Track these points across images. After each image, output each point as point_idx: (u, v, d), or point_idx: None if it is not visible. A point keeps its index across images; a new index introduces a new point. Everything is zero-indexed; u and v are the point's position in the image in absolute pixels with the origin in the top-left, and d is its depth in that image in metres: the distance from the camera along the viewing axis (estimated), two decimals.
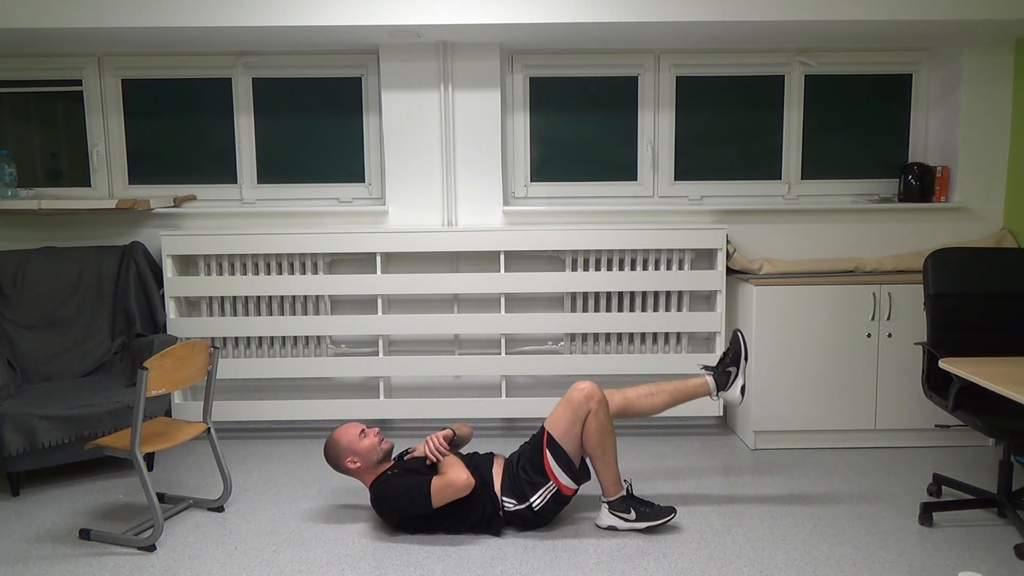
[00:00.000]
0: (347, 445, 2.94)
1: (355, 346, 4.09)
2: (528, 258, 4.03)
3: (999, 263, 3.13)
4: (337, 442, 2.97)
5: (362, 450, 2.93)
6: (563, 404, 2.85)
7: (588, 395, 2.82)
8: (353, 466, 2.93)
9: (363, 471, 2.94)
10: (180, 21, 3.44)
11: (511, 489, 2.85)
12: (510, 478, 2.87)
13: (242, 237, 3.81)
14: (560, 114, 4.10)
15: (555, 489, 2.82)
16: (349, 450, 2.93)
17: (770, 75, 4.08)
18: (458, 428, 3.08)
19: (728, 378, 2.99)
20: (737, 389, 2.98)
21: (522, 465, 2.87)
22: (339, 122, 4.09)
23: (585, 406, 2.81)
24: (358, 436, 2.95)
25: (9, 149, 4.06)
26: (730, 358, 3.01)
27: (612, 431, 2.86)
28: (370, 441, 2.95)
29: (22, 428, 3.16)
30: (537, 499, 2.82)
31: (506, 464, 2.94)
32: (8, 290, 3.76)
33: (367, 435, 2.97)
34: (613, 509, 2.88)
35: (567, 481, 2.82)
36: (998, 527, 2.89)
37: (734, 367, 2.99)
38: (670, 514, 2.87)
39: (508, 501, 2.84)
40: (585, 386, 2.84)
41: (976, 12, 3.43)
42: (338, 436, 2.98)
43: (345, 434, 2.97)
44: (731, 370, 2.99)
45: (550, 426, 2.85)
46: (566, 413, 2.83)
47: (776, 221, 4.03)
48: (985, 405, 2.88)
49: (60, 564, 2.68)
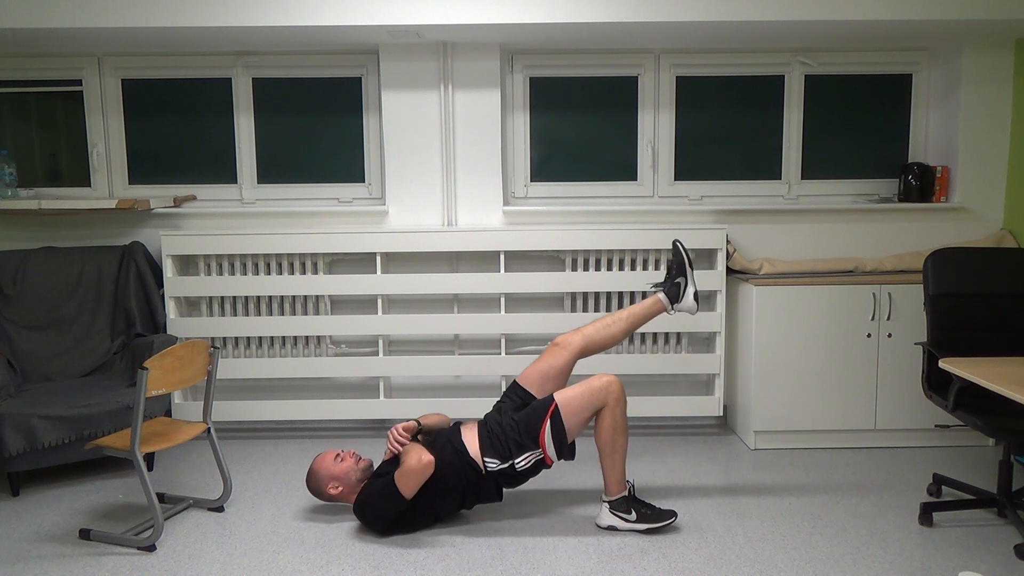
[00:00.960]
0: (325, 472, 2.96)
1: (355, 346, 4.09)
2: (528, 258, 4.03)
3: (999, 263, 3.13)
4: (316, 472, 2.98)
5: (340, 474, 2.94)
6: (581, 386, 2.84)
7: (607, 386, 2.81)
8: (336, 491, 2.95)
9: (346, 494, 2.96)
10: (180, 21, 3.44)
11: (492, 448, 2.83)
12: (489, 438, 2.86)
13: (242, 237, 3.81)
14: (560, 114, 4.10)
15: (540, 456, 2.82)
16: (328, 476, 2.95)
17: (770, 75, 4.08)
18: (428, 419, 3.07)
19: (679, 289, 2.99)
20: (690, 297, 2.98)
21: (510, 425, 2.85)
22: (339, 122, 4.09)
23: (602, 395, 2.80)
24: (334, 461, 2.97)
25: (9, 149, 4.05)
26: (675, 269, 3.01)
27: (626, 431, 2.85)
28: (347, 464, 2.96)
29: (22, 428, 3.16)
30: (522, 460, 2.81)
31: (481, 425, 2.93)
32: (8, 290, 3.76)
33: (343, 458, 2.98)
34: (614, 509, 2.88)
35: (552, 453, 2.82)
36: (998, 527, 2.89)
37: (681, 277, 2.99)
38: (671, 517, 2.86)
39: (490, 461, 2.83)
40: (608, 378, 2.83)
41: (976, 12, 3.43)
42: (315, 466, 3.00)
43: (321, 463, 2.99)
44: (679, 281, 2.99)
45: (561, 400, 2.83)
46: (582, 396, 2.81)
47: (776, 221, 4.03)
48: (985, 405, 2.88)
49: (60, 564, 2.68)
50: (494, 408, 3.03)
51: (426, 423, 3.05)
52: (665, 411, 3.88)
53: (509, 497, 3.20)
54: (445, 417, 3.14)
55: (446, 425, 3.12)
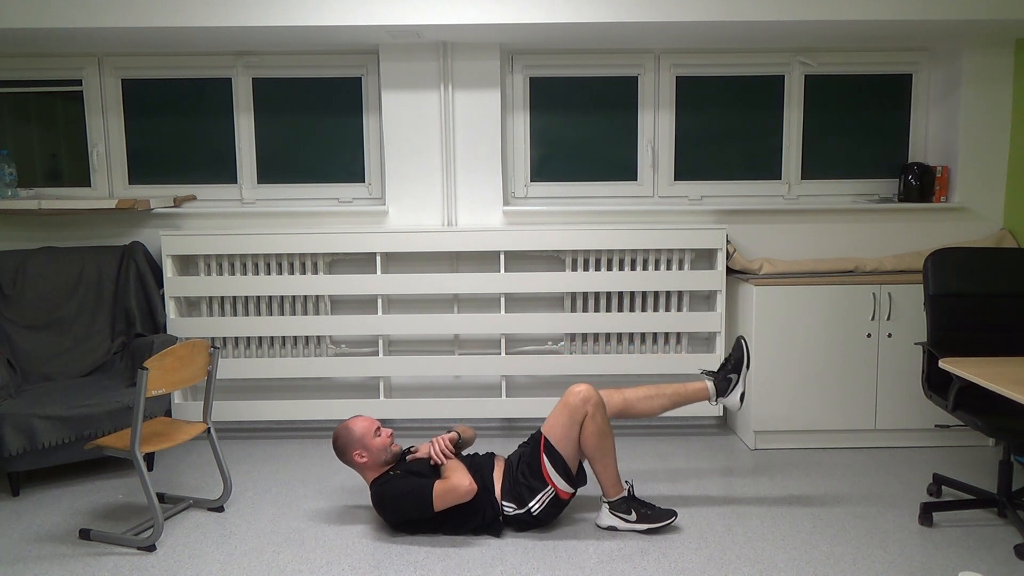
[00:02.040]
0: (359, 438, 2.91)
1: (355, 346, 4.09)
2: (528, 258, 4.03)
3: (999, 263, 3.13)
4: (351, 431, 2.93)
5: (374, 447, 2.91)
6: (559, 408, 2.84)
7: (584, 398, 2.81)
8: (360, 460, 2.91)
9: (368, 467, 2.93)
10: (180, 21, 3.44)
11: (511, 493, 2.85)
12: (510, 482, 2.86)
13: (242, 237, 3.81)
14: (560, 114, 4.10)
15: (553, 494, 2.82)
16: (361, 443, 2.91)
17: (770, 75, 4.08)
18: (462, 430, 3.07)
19: (728, 384, 3.00)
20: (737, 396, 2.99)
21: (520, 470, 2.87)
22: (339, 122, 4.09)
23: (582, 409, 2.80)
24: (372, 432, 2.93)
25: (9, 149, 4.05)
26: (732, 365, 3.02)
27: (610, 433, 2.85)
28: (382, 441, 2.93)
29: (22, 428, 3.16)
30: (536, 504, 2.82)
31: (506, 466, 2.94)
32: (8, 290, 3.76)
33: (381, 434, 2.95)
34: (614, 510, 2.88)
35: (564, 486, 2.82)
36: (998, 527, 2.89)
37: (735, 374, 3.00)
38: (671, 517, 2.86)
39: (508, 505, 2.84)
40: (581, 389, 2.83)
41: (976, 12, 3.43)
42: (353, 424, 2.94)
43: (359, 426, 2.94)
44: (732, 376, 3.00)
45: (547, 431, 2.85)
46: (562, 417, 2.82)
47: (776, 221, 4.03)
48: (985, 405, 2.88)
49: (60, 564, 2.68)
50: (518, 449, 3.02)
51: (465, 436, 3.07)
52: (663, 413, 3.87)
53: None
54: (474, 432, 3.16)
55: (473, 440, 3.13)
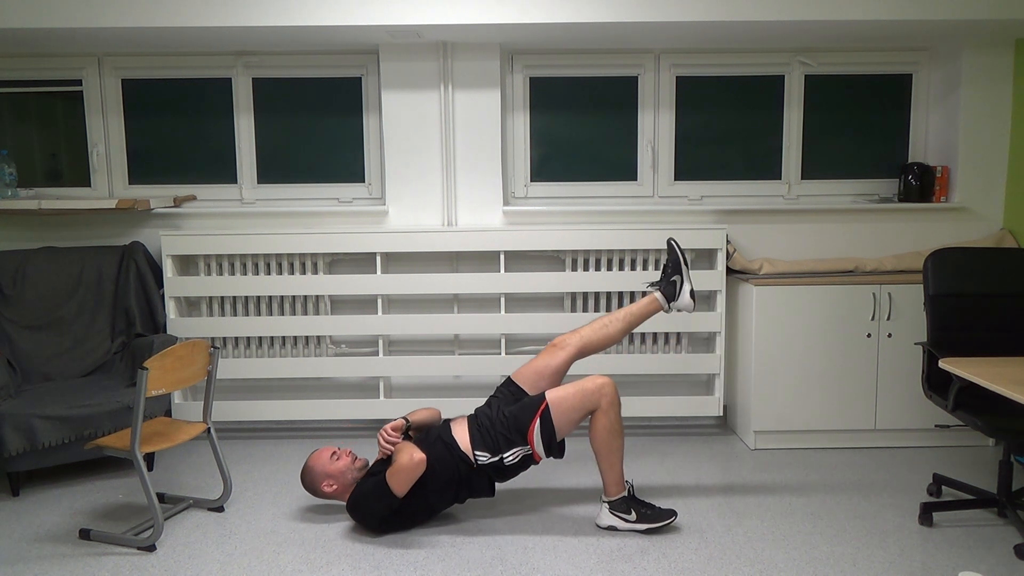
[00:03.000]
0: (321, 470, 2.96)
1: (355, 346, 4.09)
2: (528, 258, 4.03)
3: (999, 263, 3.13)
4: (311, 468, 2.98)
5: (335, 472, 2.94)
6: (574, 387, 2.84)
7: (600, 388, 2.81)
8: (330, 489, 2.95)
9: (340, 492, 2.96)
10: (180, 21, 3.44)
11: (483, 442, 2.84)
12: (480, 432, 2.87)
13: (242, 237, 3.81)
14: (560, 114, 4.10)
15: (529, 452, 2.83)
16: (324, 475, 2.95)
17: (770, 75, 4.08)
18: (417, 415, 3.07)
19: (675, 288, 3.00)
20: (686, 295, 2.99)
21: (501, 419, 2.86)
22: (339, 122, 4.09)
23: (595, 399, 2.80)
24: (330, 459, 2.97)
25: (9, 149, 4.05)
26: (671, 268, 3.02)
27: (621, 433, 2.85)
28: (343, 462, 2.96)
29: (22, 428, 3.16)
30: (510, 456, 2.82)
31: (471, 419, 2.94)
32: (8, 290, 3.76)
33: (339, 456, 2.98)
34: (614, 509, 2.88)
35: (541, 451, 2.83)
36: (998, 527, 2.89)
37: (677, 275, 3.00)
38: (670, 517, 2.86)
39: (481, 454, 2.83)
40: (602, 380, 2.83)
41: (976, 12, 3.43)
42: (311, 463, 3.00)
43: (317, 460, 2.99)
44: (675, 279, 3.00)
45: (552, 400, 2.83)
46: (573, 397, 2.81)
47: (776, 221, 4.03)
48: (985, 405, 2.88)
49: (60, 564, 2.68)
50: (485, 403, 3.04)
51: (415, 419, 3.05)
52: (665, 411, 3.88)
53: (508, 496, 3.20)
54: (436, 412, 3.15)
55: (436, 421, 3.12)
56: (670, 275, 3.02)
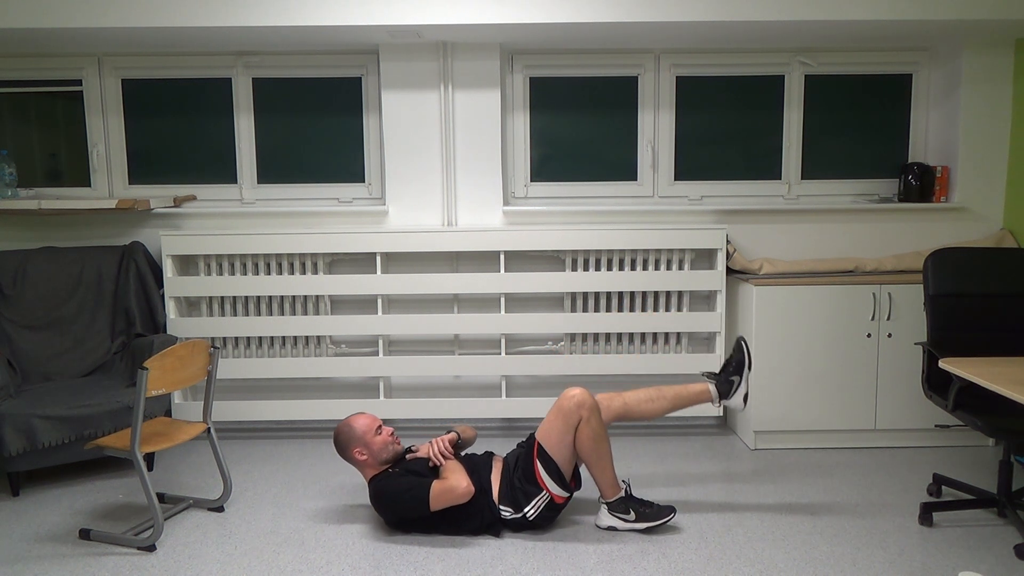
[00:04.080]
0: (360, 435, 2.91)
1: (355, 346, 4.09)
2: (528, 258, 4.03)
3: (999, 263, 3.13)
4: (352, 428, 2.92)
5: (374, 445, 2.90)
6: (554, 412, 2.83)
7: (579, 403, 2.79)
8: (360, 457, 2.91)
9: (367, 465, 2.93)
10: (180, 21, 3.44)
11: (508, 497, 2.84)
12: (507, 486, 2.86)
13: (242, 237, 3.81)
14: (560, 114, 4.10)
15: (548, 499, 2.81)
16: (361, 440, 2.91)
17: (770, 75, 4.08)
18: (462, 430, 3.07)
19: (731, 387, 2.99)
20: (740, 397, 2.99)
21: (516, 474, 2.86)
22: (339, 122, 4.09)
23: (576, 414, 2.79)
24: (374, 430, 2.93)
25: (9, 149, 4.05)
26: (733, 367, 3.01)
27: (605, 437, 2.84)
28: (383, 439, 2.92)
29: (22, 428, 3.16)
30: (531, 509, 2.81)
31: (503, 468, 2.93)
32: (8, 290, 3.76)
33: (382, 432, 2.94)
34: (613, 510, 2.88)
35: (558, 491, 2.81)
36: (998, 527, 2.89)
37: (737, 376, 2.99)
38: (669, 514, 2.86)
39: (505, 509, 2.83)
40: (576, 393, 2.81)
41: (976, 12, 3.43)
42: (354, 421, 2.94)
43: (361, 423, 2.93)
44: (734, 379, 2.99)
45: (541, 436, 2.84)
46: (557, 422, 2.81)
47: (776, 221, 4.03)
48: (985, 405, 2.88)
49: (60, 564, 2.68)
50: (515, 448, 3.01)
51: (465, 436, 3.06)
52: None
53: None
54: (474, 431, 3.15)
55: (473, 440, 3.13)
56: (731, 373, 3.00)
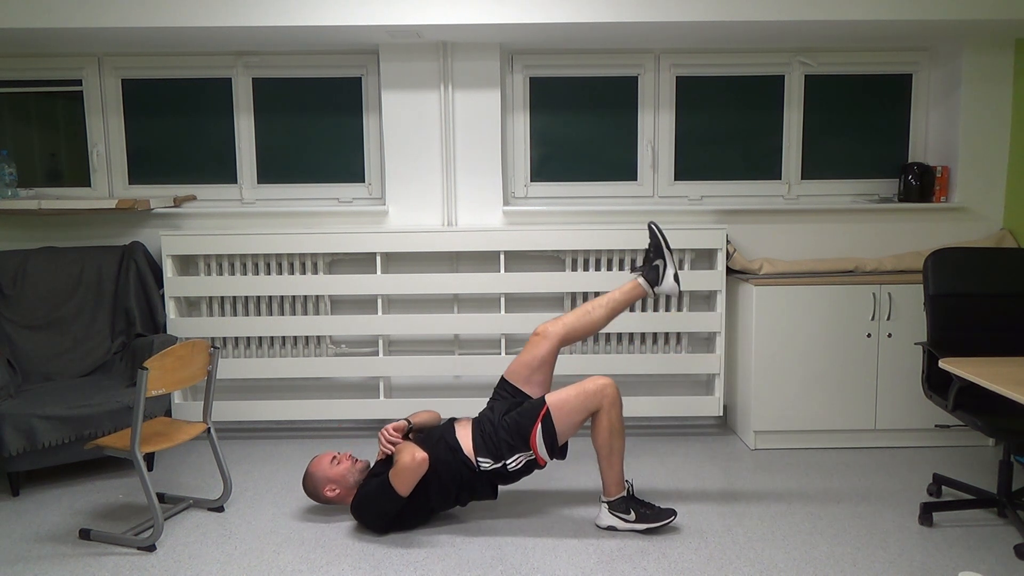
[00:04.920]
0: (322, 475, 2.96)
1: (355, 346, 4.09)
2: (528, 258, 4.03)
3: (999, 263, 3.13)
4: (312, 475, 2.99)
5: (337, 476, 2.95)
6: (575, 388, 2.82)
7: (602, 389, 2.79)
8: (332, 494, 2.96)
9: (343, 496, 2.97)
10: (180, 21, 3.44)
11: (485, 448, 2.84)
12: (482, 437, 2.86)
13: (242, 237, 3.81)
14: (560, 114, 4.10)
15: (532, 458, 2.83)
16: (325, 479, 2.96)
17: (770, 75, 4.08)
18: (419, 416, 3.07)
19: (658, 272, 2.97)
20: (670, 277, 2.97)
21: (503, 425, 2.85)
22: (339, 122, 4.09)
23: (596, 398, 2.79)
24: (330, 464, 2.98)
25: (9, 149, 4.05)
26: (652, 252, 3.00)
27: (622, 433, 2.85)
28: (343, 466, 2.97)
29: (22, 428, 3.16)
30: (512, 462, 2.82)
31: (475, 423, 2.93)
32: (8, 290, 3.76)
33: (339, 460, 2.99)
34: (613, 509, 2.88)
35: (544, 455, 2.83)
36: (998, 527, 2.89)
37: (659, 259, 2.98)
38: (670, 516, 2.86)
39: (483, 461, 2.83)
40: (604, 381, 2.81)
41: (976, 12, 3.43)
42: (312, 469, 3.00)
43: (318, 465, 3.00)
44: (658, 264, 2.98)
45: (553, 403, 2.82)
46: (575, 399, 2.80)
47: (776, 221, 4.03)
48: (985, 405, 2.88)
49: (60, 564, 2.68)
50: (487, 406, 3.03)
51: (416, 421, 3.05)
52: (665, 411, 3.88)
53: (508, 497, 3.20)
54: (436, 414, 3.14)
55: (437, 423, 3.12)
56: (652, 259, 3.00)
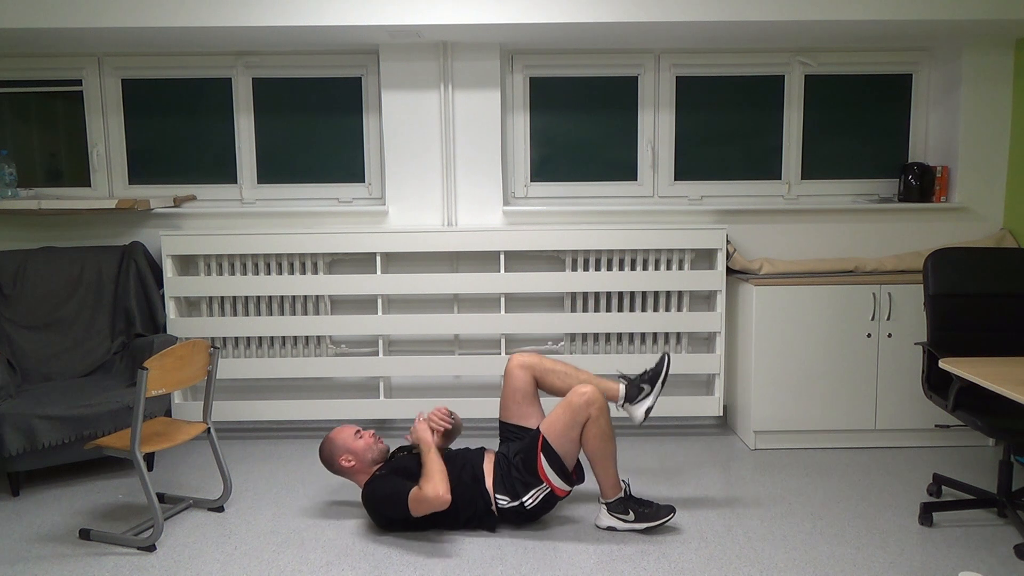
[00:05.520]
0: (342, 444, 2.97)
1: (355, 346, 4.09)
2: (528, 258, 4.03)
3: (999, 263, 3.13)
4: (333, 441, 3.00)
5: (357, 449, 2.95)
6: (562, 407, 2.82)
7: (588, 400, 2.79)
8: (347, 464, 2.95)
9: (357, 471, 2.96)
10: (180, 21, 3.44)
11: (503, 486, 2.84)
12: (501, 475, 2.86)
13: (242, 237, 3.81)
14: (560, 114, 4.10)
15: (548, 490, 2.82)
16: (344, 448, 2.96)
17: (770, 75, 4.08)
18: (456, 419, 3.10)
19: (639, 393, 2.95)
20: (643, 408, 2.93)
21: (515, 463, 2.86)
22: (339, 122, 4.09)
23: (584, 411, 2.78)
24: (353, 435, 2.99)
25: (9, 149, 4.05)
26: (649, 375, 2.98)
27: (612, 437, 2.85)
28: (365, 442, 2.98)
29: (22, 428, 3.16)
30: (529, 499, 2.81)
31: (496, 459, 2.93)
32: (8, 290, 3.76)
33: (362, 436, 3.00)
34: (612, 511, 2.88)
35: (560, 484, 2.82)
36: (998, 527, 2.89)
37: (648, 385, 2.95)
38: (669, 514, 2.86)
39: (501, 498, 2.83)
40: (586, 391, 2.80)
41: (976, 12, 3.43)
42: (333, 435, 3.02)
43: (340, 434, 3.01)
44: (644, 387, 2.96)
45: (546, 429, 2.83)
46: (564, 416, 2.80)
47: (776, 221, 4.03)
48: (985, 405, 2.88)
49: (60, 564, 2.68)
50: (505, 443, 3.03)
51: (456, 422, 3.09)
52: (665, 411, 3.88)
53: None
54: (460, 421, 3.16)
55: (461, 428, 3.15)
56: (644, 381, 2.97)
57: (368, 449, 2.96)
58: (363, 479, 2.96)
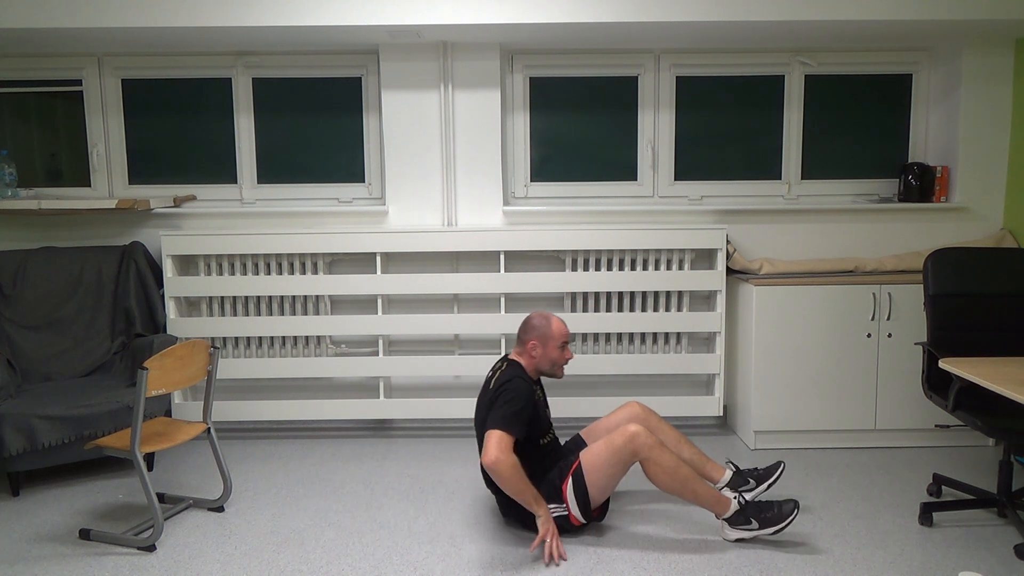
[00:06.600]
0: (551, 334, 2.88)
1: (355, 346, 4.09)
2: (528, 258, 4.03)
3: (999, 263, 3.13)
4: (550, 325, 2.89)
5: (551, 351, 2.88)
6: (603, 443, 2.71)
7: (632, 440, 2.65)
8: (533, 351, 2.89)
9: (528, 358, 2.90)
10: (180, 21, 3.44)
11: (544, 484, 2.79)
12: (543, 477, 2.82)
13: (242, 237, 3.81)
14: (560, 114, 4.10)
15: (565, 514, 2.76)
16: (546, 338, 2.88)
17: (770, 75, 4.08)
18: None
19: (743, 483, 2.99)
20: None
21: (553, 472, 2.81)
22: (339, 122, 4.09)
23: (628, 450, 2.65)
24: (561, 342, 2.89)
25: (9, 149, 4.05)
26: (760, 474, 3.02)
27: (679, 463, 2.69)
28: (562, 355, 2.90)
29: (22, 428, 3.16)
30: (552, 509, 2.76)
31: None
32: (8, 290, 3.76)
33: (566, 351, 2.92)
34: (733, 524, 2.76)
35: (577, 513, 2.75)
36: (998, 527, 2.89)
37: (755, 482, 3.00)
38: (793, 511, 2.69)
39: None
40: (632, 431, 2.66)
41: (976, 12, 3.43)
42: (554, 321, 2.91)
43: (558, 327, 2.90)
44: (751, 481, 3.00)
45: (585, 458, 2.73)
46: (604, 453, 2.69)
47: (776, 221, 4.03)
48: (985, 405, 2.88)
49: (60, 564, 2.68)
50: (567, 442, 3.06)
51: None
52: (665, 411, 3.88)
53: None
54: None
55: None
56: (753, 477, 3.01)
57: (553, 361, 2.89)
58: (517, 369, 2.85)
